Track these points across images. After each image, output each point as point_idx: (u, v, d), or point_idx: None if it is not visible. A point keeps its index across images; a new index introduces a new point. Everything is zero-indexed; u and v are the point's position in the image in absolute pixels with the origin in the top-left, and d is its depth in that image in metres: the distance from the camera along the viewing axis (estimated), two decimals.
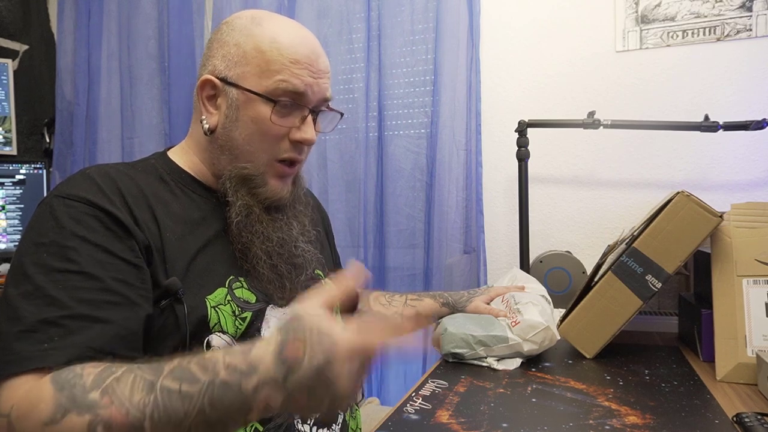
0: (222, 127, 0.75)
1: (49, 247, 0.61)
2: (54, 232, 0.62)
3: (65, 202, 0.64)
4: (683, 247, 0.98)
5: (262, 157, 0.75)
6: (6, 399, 0.52)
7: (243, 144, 0.74)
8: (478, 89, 1.66)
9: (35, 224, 0.64)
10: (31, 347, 0.55)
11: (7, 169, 2.10)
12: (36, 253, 0.61)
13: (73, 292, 0.59)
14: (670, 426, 0.73)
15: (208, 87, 0.75)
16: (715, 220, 0.96)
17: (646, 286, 1.00)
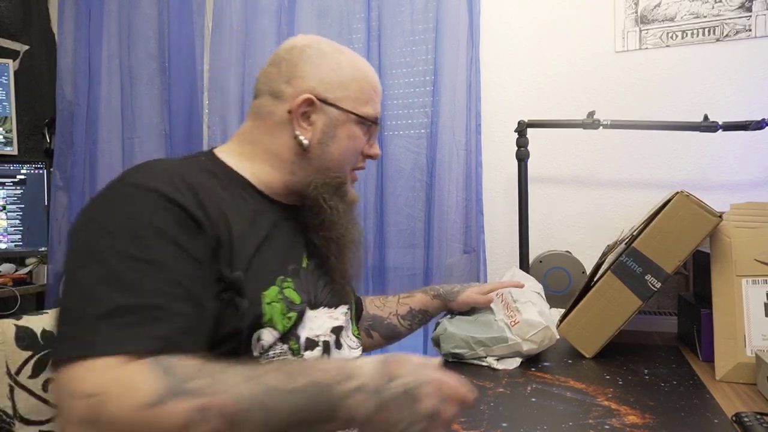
0: (318, 142, 0.82)
1: (123, 233, 0.61)
2: (129, 220, 0.62)
3: (140, 191, 0.65)
4: (682, 247, 0.98)
5: (347, 168, 0.86)
6: (89, 380, 0.51)
7: (337, 157, 0.83)
8: (478, 89, 1.66)
9: (106, 209, 0.64)
10: (112, 332, 0.55)
11: (8, 169, 2.10)
12: (109, 239, 0.60)
13: (149, 281, 0.59)
14: (670, 426, 0.73)
15: (305, 105, 0.80)
16: (714, 220, 0.96)
17: (646, 286, 1.00)
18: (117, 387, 0.51)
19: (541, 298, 1.09)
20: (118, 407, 0.49)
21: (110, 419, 0.49)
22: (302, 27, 1.84)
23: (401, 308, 1.10)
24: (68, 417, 0.51)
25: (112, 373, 0.52)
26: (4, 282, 1.99)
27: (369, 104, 0.85)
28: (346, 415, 0.54)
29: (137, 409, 0.49)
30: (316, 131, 0.81)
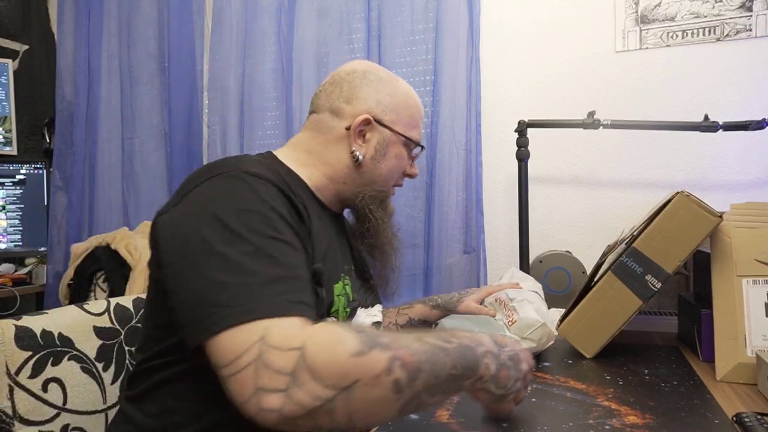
0: (371, 158, 0.90)
1: (255, 214, 0.66)
2: (257, 203, 0.67)
3: (258, 180, 0.70)
4: (683, 247, 0.98)
5: (391, 183, 0.95)
6: (291, 336, 0.56)
7: (385, 173, 0.92)
8: (478, 89, 1.66)
9: (231, 192, 0.68)
10: (278, 297, 0.60)
11: (8, 169, 2.10)
12: (244, 218, 0.65)
13: (286, 257, 0.65)
14: (670, 426, 0.73)
15: (363, 123, 0.88)
16: (714, 220, 0.96)
17: (646, 286, 1.00)
18: (324, 340, 0.56)
19: (539, 297, 1.09)
20: (331, 356, 0.55)
21: (323, 366, 0.55)
22: (302, 27, 1.85)
23: (401, 318, 1.12)
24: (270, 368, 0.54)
25: (311, 330, 0.58)
26: (4, 282, 1.99)
27: (416, 129, 0.95)
28: (480, 373, 0.65)
29: (348, 356, 0.55)
30: (370, 148, 0.90)
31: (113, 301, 0.96)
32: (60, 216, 2.10)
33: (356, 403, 0.55)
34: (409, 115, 0.93)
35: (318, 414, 0.54)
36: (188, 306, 0.62)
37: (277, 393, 0.54)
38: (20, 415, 0.76)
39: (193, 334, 0.60)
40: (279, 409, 0.54)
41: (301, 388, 0.54)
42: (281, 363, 0.54)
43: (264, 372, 0.54)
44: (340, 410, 0.55)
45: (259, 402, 0.54)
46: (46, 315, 0.85)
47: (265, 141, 1.93)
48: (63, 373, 0.83)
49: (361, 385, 0.55)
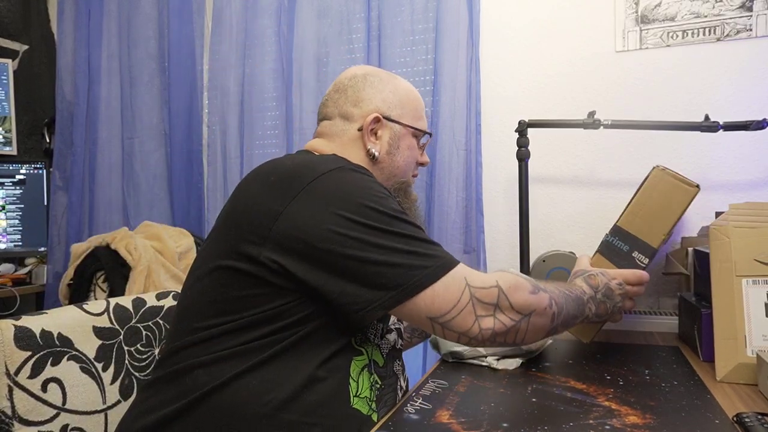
0: (386, 153, 0.96)
1: (391, 199, 0.80)
2: (384, 190, 0.81)
3: (368, 172, 0.84)
4: (665, 221, 0.99)
5: (409, 173, 1.02)
6: (484, 278, 0.78)
7: (402, 165, 0.99)
8: (478, 89, 1.66)
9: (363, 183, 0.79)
10: (447, 252, 0.78)
11: (7, 169, 2.10)
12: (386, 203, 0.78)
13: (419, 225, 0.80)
14: (670, 426, 0.73)
15: (374, 122, 0.94)
16: (692, 190, 0.97)
17: (634, 263, 1.01)
18: (507, 280, 0.79)
19: None
20: (517, 291, 0.78)
21: (514, 298, 0.77)
22: (302, 27, 1.85)
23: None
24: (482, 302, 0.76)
25: (495, 274, 0.80)
26: (4, 282, 1.99)
27: (422, 120, 1.01)
28: (585, 314, 0.91)
29: (529, 293, 0.79)
30: (384, 144, 0.96)
31: (113, 301, 0.96)
32: (60, 216, 2.10)
33: (531, 325, 0.79)
34: (413, 108, 1.00)
35: (510, 332, 0.77)
36: (381, 277, 0.73)
37: (489, 317, 0.76)
38: (19, 415, 0.76)
39: (393, 298, 0.73)
40: (492, 327, 0.76)
41: (504, 312, 0.77)
42: (489, 297, 0.76)
43: (479, 305, 0.76)
44: (522, 330, 0.78)
45: (480, 324, 0.76)
46: (45, 315, 0.85)
47: (265, 141, 1.93)
48: (62, 374, 0.83)
49: (536, 314, 0.79)
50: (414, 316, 0.76)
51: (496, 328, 0.76)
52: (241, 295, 0.75)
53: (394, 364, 0.91)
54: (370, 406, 0.80)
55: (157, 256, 1.64)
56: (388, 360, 0.89)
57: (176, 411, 0.73)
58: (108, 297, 1.13)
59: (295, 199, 0.75)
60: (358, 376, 0.80)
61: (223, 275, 0.77)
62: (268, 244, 0.74)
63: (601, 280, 0.96)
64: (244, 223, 0.77)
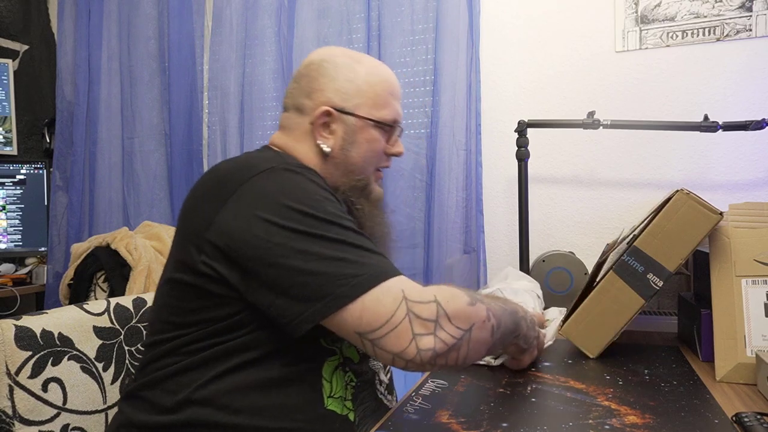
0: (340, 148, 0.88)
1: (327, 201, 0.74)
2: (322, 191, 0.75)
3: (309, 172, 0.78)
4: (684, 245, 0.98)
5: (370, 169, 0.92)
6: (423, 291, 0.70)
7: (359, 161, 0.89)
8: (478, 89, 1.66)
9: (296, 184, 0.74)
10: (387, 262, 0.72)
11: (8, 169, 2.10)
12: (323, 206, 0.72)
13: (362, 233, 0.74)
14: (670, 426, 0.73)
15: (324, 116, 0.86)
16: (714, 217, 0.96)
17: (648, 284, 1.00)
18: (446, 293, 0.71)
19: (535, 296, 1.09)
20: (457, 304, 0.70)
21: (454, 313, 0.70)
22: (302, 27, 1.85)
23: None
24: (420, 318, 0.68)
25: (432, 287, 0.71)
26: (4, 282, 1.99)
27: (386, 108, 0.90)
28: (519, 331, 0.85)
29: (466, 305, 0.71)
30: (337, 139, 0.87)
31: (113, 301, 0.96)
32: (60, 216, 2.10)
33: (473, 342, 0.71)
34: (374, 95, 0.88)
35: (452, 351, 0.69)
36: (305, 288, 0.68)
37: (429, 335, 0.68)
38: (20, 415, 0.76)
39: (317, 311, 0.67)
40: (432, 347, 0.67)
41: (444, 329, 0.69)
42: (428, 312, 0.68)
43: (417, 321, 0.68)
44: (464, 347, 0.70)
45: (418, 345, 0.67)
46: (46, 315, 0.85)
47: (264, 141, 1.92)
48: (63, 373, 0.84)
49: (476, 328, 0.72)
50: (343, 332, 0.69)
51: (438, 347, 0.67)
52: (194, 307, 0.74)
53: (369, 359, 0.87)
54: (345, 405, 0.79)
55: (157, 256, 1.64)
56: (364, 356, 0.85)
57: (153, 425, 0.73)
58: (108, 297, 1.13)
59: (225, 204, 0.71)
60: (332, 376, 0.78)
61: (174, 288, 0.77)
62: (204, 254, 0.72)
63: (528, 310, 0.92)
64: (185, 232, 0.76)
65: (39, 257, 2.18)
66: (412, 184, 1.74)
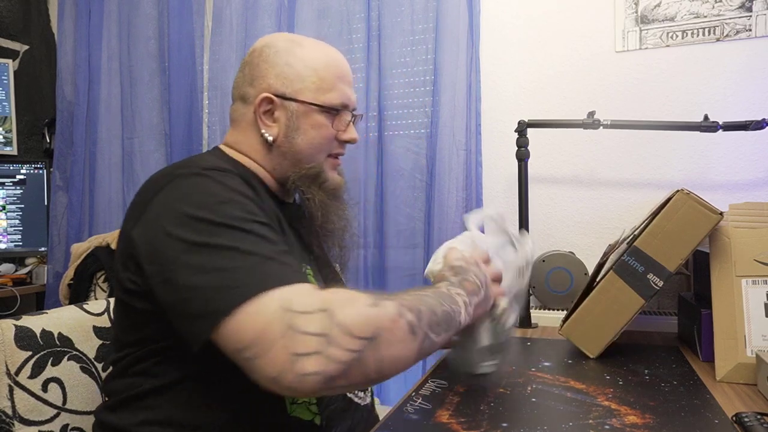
0: (284, 136, 0.84)
1: (232, 203, 0.67)
2: (229, 193, 0.69)
3: (221, 173, 0.72)
4: (684, 246, 0.98)
5: (321, 156, 0.87)
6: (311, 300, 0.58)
7: (305, 148, 0.85)
8: (478, 89, 1.66)
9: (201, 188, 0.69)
10: (281, 269, 0.62)
11: (8, 169, 2.10)
12: (224, 209, 0.66)
13: (273, 236, 0.67)
14: (670, 426, 0.73)
15: (265, 103, 0.84)
16: (715, 217, 0.96)
17: (648, 284, 1.00)
18: (342, 298, 0.60)
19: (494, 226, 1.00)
20: (353, 309, 0.58)
21: (350, 320, 0.57)
22: (302, 27, 1.85)
23: None
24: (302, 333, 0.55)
25: (325, 293, 0.60)
26: (4, 282, 1.99)
27: (332, 91, 0.85)
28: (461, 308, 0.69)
29: (367, 307, 0.59)
30: (281, 126, 0.84)
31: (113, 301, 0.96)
32: (60, 216, 2.10)
33: (383, 350, 0.58)
34: (318, 79, 0.84)
35: (352, 369, 0.56)
36: (188, 304, 0.60)
37: (314, 355, 0.54)
38: (20, 414, 0.76)
39: (200, 328, 0.59)
40: (321, 371, 0.54)
41: (335, 345, 0.55)
42: (313, 326, 0.55)
43: (297, 338, 0.54)
44: (370, 360, 0.57)
45: (300, 368, 0.54)
46: (45, 315, 0.85)
47: None
48: (63, 373, 0.84)
49: (384, 332, 0.58)
50: (227, 351, 0.59)
51: (330, 370, 0.54)
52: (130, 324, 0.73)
53: None
54: (309, 410, 0.75)
55: None
56: None
57: None
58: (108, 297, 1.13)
59: (140, 217, 0.69)
60: None
61: (117, 305, 0.76)
62: (128, 270, 0.70)
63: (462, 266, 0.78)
64: (117, 247, 0.74)
65: (39, 257, 2.18)
66: (412, 184, 1.74)
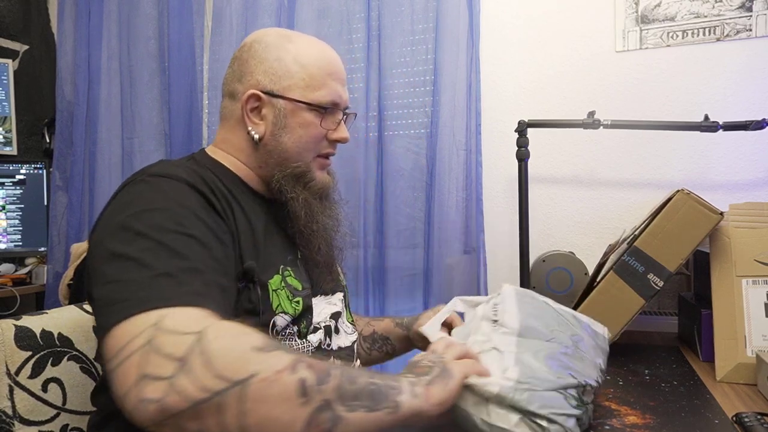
0: (270, 134, 0.82)
1: (157, 212, 0.64)
2: (162, 201, 0.66)
3: (166, 180, 0.69)
4: (684, 246, 0.98)
5: (308, 156, 0.84)
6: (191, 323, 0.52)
7: (292, 147, 0.83)
8: (478, 89, 1.66)
9: (138, 196, 0.67)
10: (177, 287, 0.57)
11: (7, 169, 2.10)
12: (149, 218, 0.63)
13: (190, 250, 0.62)
14: (670, 426, 0.73)
15: (253, 100, 0.82)
16: (715, 217, 0.96)
17: (648, 284, 1.00)
18: (228, 328, 0.53)
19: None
20: (230, 343, 0.51)
21: (218, 352, 0.49)
22: (302, 27, 1.84)
23: (366, 329, 1.05)
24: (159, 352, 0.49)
25: (216, 320, 0.54)
26: (4, 282, 1.99)
27: (322, 89, 0.83)
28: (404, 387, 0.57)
29: (249, 348, 0.51)
30: (268, 124, 0.82)
31: None
32: (60, 216, 2.10)
33: (251, 403, 0.48)
34: (308, 76, 0.82)
35: (205, 411, 0.47)
36: (96, 318, 0.59)
37: (162, 380, 0.47)
38: (20, 415, 0.76)
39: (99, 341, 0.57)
40: (159, 399, 0.46)
41: (188, 375, 0.47)
42: (173, 347, 0.49)
43: (152, 357, 0.48)
44: (231, 408, 0.47)
45: (140, 391, 0.47)
46: (45, 315, 0.85)
47: None
48: (62, 374, 0.84)
49: (258, 380, 0.48)
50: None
51: (168, 401, 0.47)
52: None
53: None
54: None
55: None
56: None
57: None
58: None
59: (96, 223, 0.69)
60: None
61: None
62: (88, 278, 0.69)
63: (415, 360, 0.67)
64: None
65: (39, 257, 2.18)
66: (412, 184, 1.74)
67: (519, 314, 0.71)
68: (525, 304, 0.73)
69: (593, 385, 0.66)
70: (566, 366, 0.65)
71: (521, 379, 0.62)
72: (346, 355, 0.86)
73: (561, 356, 0.66)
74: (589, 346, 0.71)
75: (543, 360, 0.64)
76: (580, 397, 0.64)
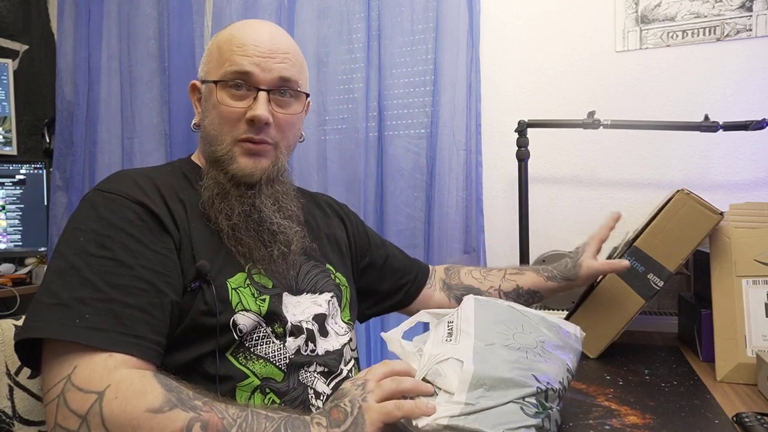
0: (201, 120, 0.85)
1: (86, 233, 0.67)
2: (93, 221, 0.68)
3: (104, 195, 0.71)
4: (684, 246, 0.98)
5: (226, 138, 0.81)
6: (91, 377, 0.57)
7: (210, 129, 0.82)
8: (478, 89, 1.66)
9: (76, 215, 0.70)
10: (63, 319, 0.60)
11: (7, 169, 2.10)
12: (74, 238, 0.66)
13: (106, 276, 0.64)
14: (670, 426, 0.73)
15: (196, 90, 0.87)
16: (715, 217, 0.96)
17: (648, 284, 1.00)
18: (126, 389, 0.56)
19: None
20: (125, 406, 0.55)
21: (114, 415, 0.54)
22: (302, 27, 1.84)
23: (506, 284, 1.02)
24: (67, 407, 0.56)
25: (118, 375, 0.57)
26: (4, 282, 1.99)
27: (227, 62, 0.79)
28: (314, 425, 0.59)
29: (143, 410, 0.55)
30: (201, 111, 0.86)
31: None
32: (60, 216, 2.10)
33: None
34: (218, 54, 0.81)
35: None
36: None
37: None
38: (20, 415, 0.76)
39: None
40: None
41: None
42: (77, 404, 0.55)
43: (62, 410, 0.56)
44: None
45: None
46: None
47: None
48: None
49: None
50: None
51: None
52: None
53: (300, 372, 0.77)
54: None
55: None
56: (292, 370, 0.75)
57: None
58: None
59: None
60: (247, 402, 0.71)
61: None
62: None
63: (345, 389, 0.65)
64: None
65: (39, 257, 2.18)
66: (412, 184, 1.74)
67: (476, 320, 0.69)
68: (485, 311, 0.72)
69: (556, 387, 0.64)
70: (528, 368, 0.63)
71: (470, 400, 0.59)
72: (333, 360, 0.81)
73: (523, 359, 0.65)
74: (555, 346, 0.70)
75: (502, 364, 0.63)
76: (541, 402, 0.62)
